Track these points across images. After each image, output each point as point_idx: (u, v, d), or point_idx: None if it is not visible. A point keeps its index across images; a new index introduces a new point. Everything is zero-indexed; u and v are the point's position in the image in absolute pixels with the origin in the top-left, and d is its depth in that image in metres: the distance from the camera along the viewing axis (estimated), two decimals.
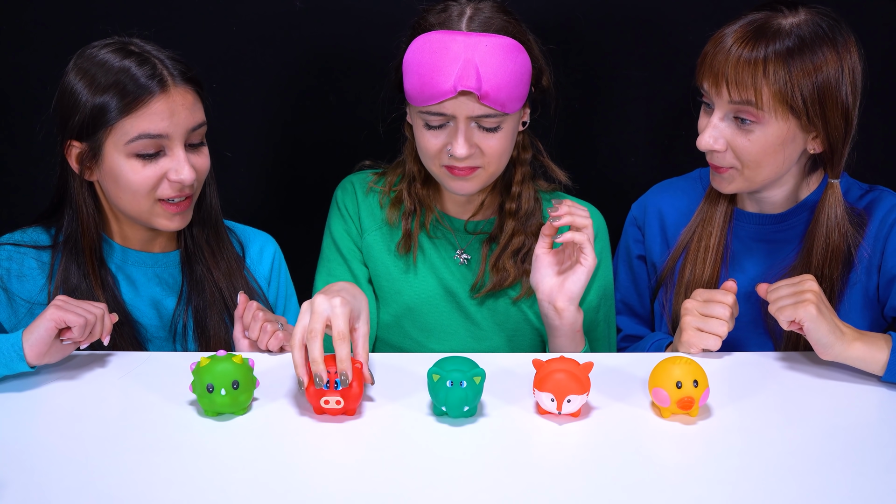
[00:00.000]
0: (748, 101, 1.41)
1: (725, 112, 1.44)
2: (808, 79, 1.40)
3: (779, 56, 1.39)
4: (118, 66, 1.41)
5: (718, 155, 1.47)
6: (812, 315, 1.32)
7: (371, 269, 1.65)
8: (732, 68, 1.41)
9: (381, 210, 1.65)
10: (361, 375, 1.25)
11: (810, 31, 1.41)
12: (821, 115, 1.42)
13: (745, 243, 1.57)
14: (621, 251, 1.71)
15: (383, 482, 1.12)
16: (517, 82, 1.47)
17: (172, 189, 1.44)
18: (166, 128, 1.41)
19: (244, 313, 1.44)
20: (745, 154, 1.45)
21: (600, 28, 1.95)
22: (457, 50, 1.44)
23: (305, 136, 2.03)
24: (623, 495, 1.10)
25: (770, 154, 1.44)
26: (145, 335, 1.51)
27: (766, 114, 1.41)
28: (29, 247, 1.49)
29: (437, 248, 1.63)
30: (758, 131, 1.43)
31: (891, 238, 1.50)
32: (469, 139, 1.48)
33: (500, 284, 1.59)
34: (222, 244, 1.57)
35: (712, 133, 1.45)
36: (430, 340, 1.62)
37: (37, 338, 1.31)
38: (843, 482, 1.13)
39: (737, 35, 1.42)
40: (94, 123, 1.40)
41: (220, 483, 1.12)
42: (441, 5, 1.50)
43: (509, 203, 1.60)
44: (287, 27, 1.94)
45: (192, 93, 1.45)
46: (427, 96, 1.45)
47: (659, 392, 1.24)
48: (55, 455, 1.17)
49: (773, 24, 1.42)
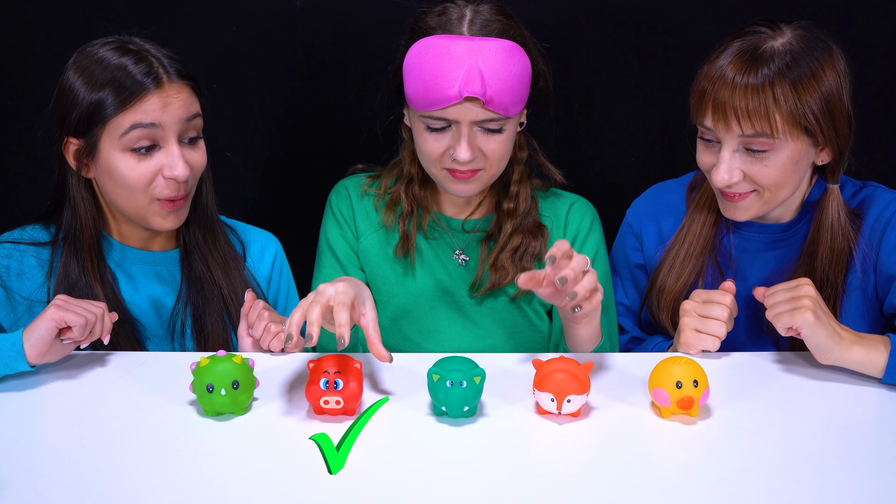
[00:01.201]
0: (762, 132, 1.38)
1: (736, 145, 1.41)
2: (815, 94, 1.38)
3: (783, 77, 1.37)
4: (115, 64, 1.42)
5: (736, 185, 1.44)
6: (809, 321, 1.32)
7: (368, 273, 1.65)
8: (741, 100, 1.37)
9: (377, 213, 1.65)
10: (361, 376, 1.25)
11: (801, 46, 1.40)
12: (832, 127, 1.41)
13: (748, 252, 1.57)
14: (620, 258, 1.70)
15: (383, 482, 1.12)
16: (520, 85, 1.47)
17: (169, 188, 1.44)
18: (159, 118, 1.41)
19: (250, 311, 1.44)
20: (763, 180, 1.42)
21: (600, 28, 1.95)
22: (460, 55, 1.44)
23: (305, 136, 2.03)
24: (623, 495, 1.10)
25: (787, 174, 1.43)
26: (144, 333, 1.51)
27: (780, 140, 1.39)
28: (28, 244, 1.49)
29: (435, 249, 1.63)
30: (773, 157, 1.41)
31: (886, 236, 1.50)
32: (472, 143, 1.48)
33: (499, 283, 1.60)
34: (218, 242, 1.57)
35: (727, 168, 1.41)
36: (429, 342, 1.62)
37: (37, 337, 1.31)
38: (842, 482, 1.13)
39: (734, 67, 1.39)
40: (90, 120, 1.41)
41: (220, 483, 1.12)
42: (439, 7, 1.50)
43: (507, 203, 1.60)
44: (287, 27, 1.94)
45: (187, 88, 1.46)
46: (431, 101, 1.45)
47: (659, 392, 1.24)
48: (55, 455, 1.17)
49: (765, 47, 1.39)
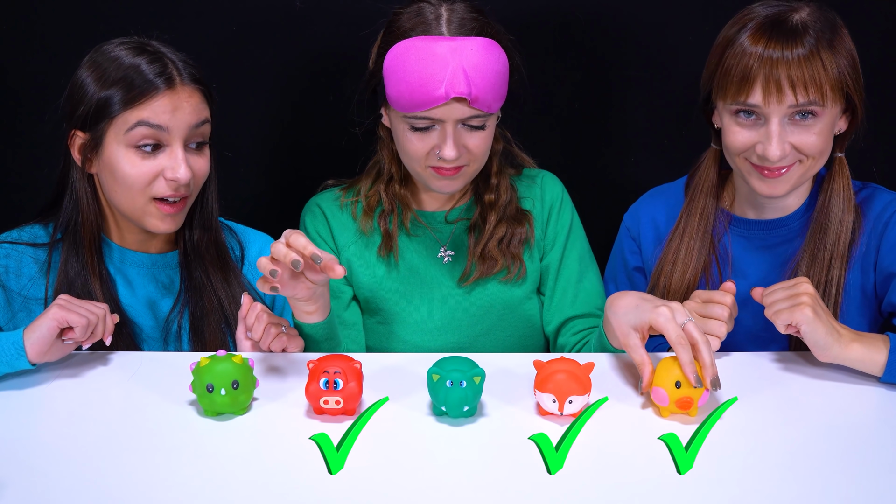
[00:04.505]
0: (814, 101, 1.41)
1: (783, 116, 1.43)
2: (846, 58, 1.43)
3: (824, 44, 1.41)
4: (129, 63, 1.43)
5: (784, 158, 1.45)
6: (808, 318, 1.32)
7: (354, 284, 1.65)
8: (796, 71, 1.40)
9: (355, 222, 1.65)
10: (361, 376, 1.25)
11: (821, 15, 1.44)
12: (857, 90, 1.45)
13: (749, 252, 1.57)
14: (619, 263, 1.70)
15: (383, 482, 1.12)
16: (501, 81, 1.49)
17: (168, 187, 1.44)
18: (167, 121, 1.42)
19: (248, 315, 1.44)
20: (809, 148, 1.45)
21: (600, 28, 1.95)
22: (444, 56, 1.45)
23: (305, 137, 2.03)
24: (623, 495, 1.10)
25: (827, 141, 1.46)
26: (141, 335, 1.52)
27: (827, 106, 1.43)
28: (26, 244, 1.50)
29: (419, 247, 1.64)
30: (817, 124, 1.44)
31: (886, 235, 1.50)
32: (457, 141, 1.50)
33: (488, 273, 1.62)
34: (222, 252, 1.57)
35: (779, 142, 1.43)
36: (423, 339, 1.63)
37: (38, 336, 1.31)
38: (842, 482, 1.13)
39: (776, 42, 1.41)
40: (98, 114, 1.42)
41: (220, 483, 1.12)
42: (413, 8, 1.50)
43: (488, 195, 1.62)
44: (287, 27, 1.94)
45: (198, 93, 1.46)
46: (417, 103, 1.46)
47: (658, 391, 1.24)
48: (55, 455, 1.17)
49: (795, 18, 1.43)
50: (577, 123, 2.01)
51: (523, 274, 1.63)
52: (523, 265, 1.63)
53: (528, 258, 1.65)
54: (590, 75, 1.99)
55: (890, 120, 1.97)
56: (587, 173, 2.02)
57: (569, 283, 1.64)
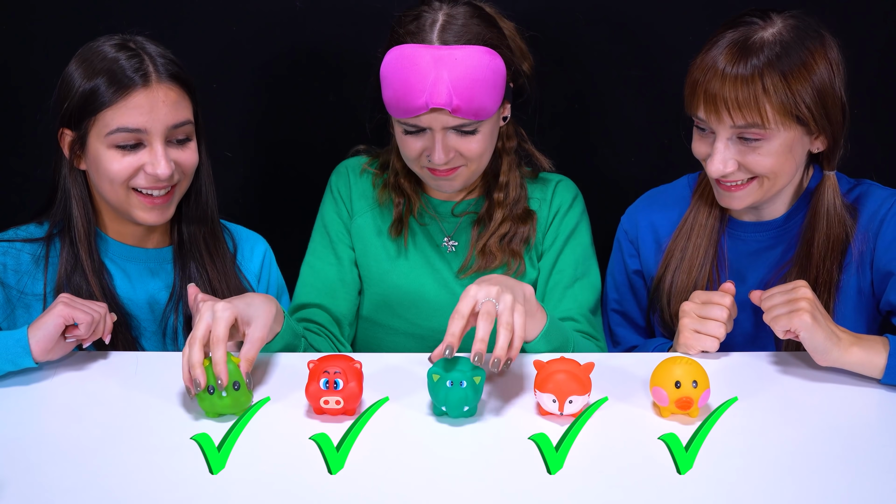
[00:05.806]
0: (753, 123, 1.39)
1: (729, 135, 1.42)
2: (806, 84, 1.39)
3: (772, 67, 1.38)
4: (110, 57, 1.44)
5: (732, 174, 1.45)
6: (807, 324, 1.31)
7: (359, 252, 1.67)
8: (731, 91, 1.38)
9: (374, 190, 1.68)
10: (361, 376, 1.25)
11: (791, 36, 1.40)
12: (825, 116, 1.41)
13: (746, 254, 1.57)
14: (618, 268, 1.70)
15: (383, 482, 1.13)
16: (489, 90, 1.47)
17: (147, 180, 1.45)
18: (144, 123, 1.42)
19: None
20: (758, 168, 1.43)
21: (599, 28, 1.95)
22: (426, 66, 1.45)
23: (304, 136, 2.03)
24: (623, 495, 1.11)
25: (782, 162, 1.43)
26: (138, 329, 1.52)
27: (772, 129, 1.40)
28: (24, 241, 1.51)
29: (426, 234, 1.66)
30: (765, 146, 1.41)
31: (882, 233, 1.49)
32: (446, 146, 1.50)
33: (486, 267, 1.62)
34: (218, 244, 1.58)
35: (721, 159, 1.42)
36: (418, 317, 1.65)
37: (44, 334, 1.32)
38: (842, 482, 1.13)
39: (725, 58, 1.39)
40: (81, 111, 1.43)
41: (220, 483, 1.12)
42: (415, 11, 1.50)
43: (497, 192, 1.63)
44: (286, 27, 1.94)
45: (176, 90, 1.46)
46: (402, 110, 1.47)
47: (658, 391, 1.24)
48: (55, 454, 1.17)
49: (755, 38, 1.40)
50: (576, 123, 2.01)
51: (522, 271, 1.63)
52: (523, 263, 1.63)
53: (528, 258, 1.65)
54: (590, 75, 1.98)
55: (890, 120, 1.97)
56: (586, 173, 2.02)
57: (557, 287, 1.63)
